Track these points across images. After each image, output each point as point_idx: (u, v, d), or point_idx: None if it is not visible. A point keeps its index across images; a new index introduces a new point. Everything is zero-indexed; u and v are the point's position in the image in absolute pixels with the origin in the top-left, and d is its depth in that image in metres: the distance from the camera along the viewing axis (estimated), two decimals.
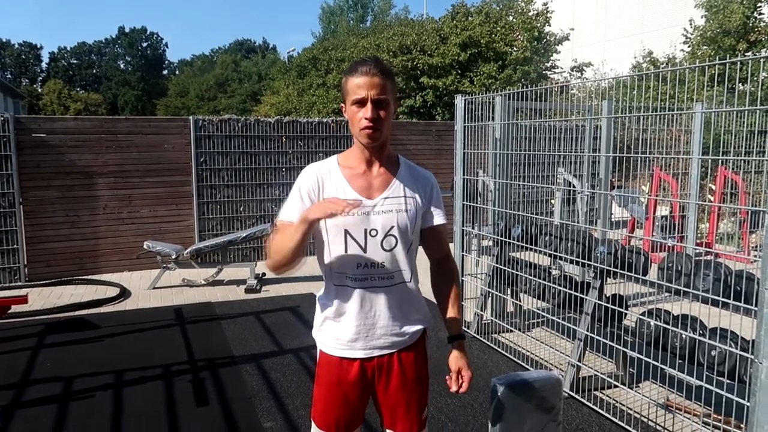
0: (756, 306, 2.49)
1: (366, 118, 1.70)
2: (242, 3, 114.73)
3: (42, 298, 6.26)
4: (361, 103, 1.71)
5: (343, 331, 1.83)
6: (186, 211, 7.79)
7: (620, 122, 6.99)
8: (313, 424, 1.95)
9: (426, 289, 1.91)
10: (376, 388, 1.88)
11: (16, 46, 55.48)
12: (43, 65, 57.65)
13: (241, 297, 6.29)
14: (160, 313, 5.67)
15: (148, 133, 7.52)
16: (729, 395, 2.76)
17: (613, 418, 3.41)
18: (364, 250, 1.77)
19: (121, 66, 57.05)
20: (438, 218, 1.91)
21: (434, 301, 2.00)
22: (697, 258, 3.31)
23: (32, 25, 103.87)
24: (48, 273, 7.10)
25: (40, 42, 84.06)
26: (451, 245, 5.25)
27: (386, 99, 1.72)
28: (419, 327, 1.93)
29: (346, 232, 1.77)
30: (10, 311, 5.38)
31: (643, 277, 3.47)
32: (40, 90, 48.17)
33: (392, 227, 1.78)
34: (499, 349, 4.58)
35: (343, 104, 1.80)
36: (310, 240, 1.74)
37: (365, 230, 1.77)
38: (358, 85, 1.70)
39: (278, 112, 19.55)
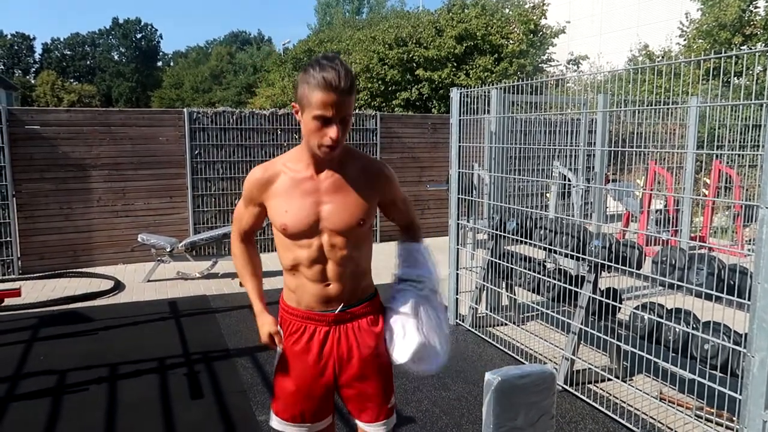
0: (749, 300, 2.50)
1: (332, 138, 1.65)
2: None
3: (35, 291, 6.24)
4: (325, 121, 1.64)
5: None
6: (180, 204, 7.76)
7: (616, 116, 6.99)
8: (274, 415, 1.99)
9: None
10: (339, 382, 1.91)
11: (9, 36, 54.98)
12: (36, 56, 57.24)
13: (236, 290, 6.28)
14: (154, 306, 5.66)
15: (142, 125, 7.48)
16: (721, 388, 2.78)
17: (607, 411, 3.43)
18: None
19: (115, 57, 56.66)
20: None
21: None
22: (691, 252, 3.32)
23: (25, 15, 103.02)
24: (41, 266, 7.07)
25: (33, 33, 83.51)
26: (446, 239, 5.24)
27: (351, 114, 1.69)
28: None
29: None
30: (3, 304, 5.35)
31: (638, 271, 3.48)
32: (33, 81, 47.82)
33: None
34: (494, 343, 4.59)
35: (296, 104, 1.71)
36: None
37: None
38: (325, 102, 1.60)
39: (273, 105, 19.47)
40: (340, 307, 1.83)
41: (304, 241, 1.77)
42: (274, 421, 1.96)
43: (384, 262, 2.08)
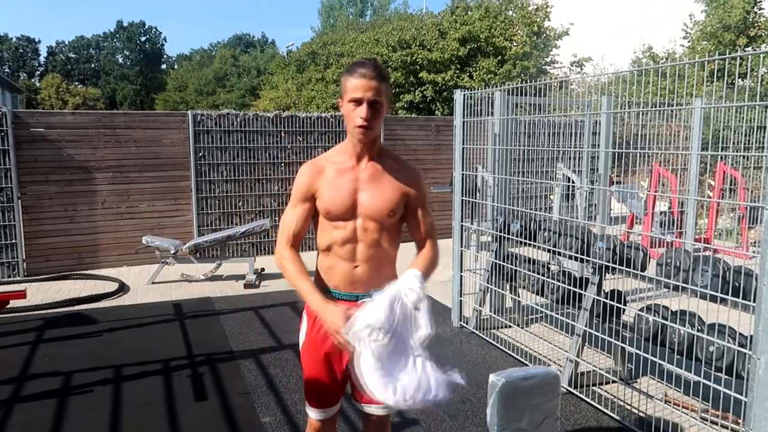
0: (754, 302, 2.49)
1: (361, 117, 1.91)
2: None
3: (41, 292, 6.26)
4: (357, 102, 1.92)
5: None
6: (185, 206, 7.78)
7: (620, 117, 6.98)
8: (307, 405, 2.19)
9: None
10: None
11: (14, 39, 55.20)
12: (41, 59, 57.38)
13: (240, 292, 6.29)
14: (159, 308, 5.67)
15: (146, 127, 7.50)
16: (727, 391, 2.76)
17: (612, 414, 3.42)
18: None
19: (120, 60, 56.79)
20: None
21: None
22: (695, 254, 3.31)
23: (30, 18, 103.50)
24: (47, 268, 7.10)
25: (38, 36, 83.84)
26: (449, 241, 5.24)
27: (380, 101, 1.93)
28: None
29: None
30: (8, 306, 5.37)
31: (642, 273, 3.47)
32: (38, 84, 48.00)
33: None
34: (498, 345, 4.58)
35: (340, 100, 2.01)
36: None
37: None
38: (356, 86, 1.91)
39: (277, 107, 19.48)
40: (364, 298, 1.98)
41: (340, 222, 2.01)
42: (311, 411, 2.17)
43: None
